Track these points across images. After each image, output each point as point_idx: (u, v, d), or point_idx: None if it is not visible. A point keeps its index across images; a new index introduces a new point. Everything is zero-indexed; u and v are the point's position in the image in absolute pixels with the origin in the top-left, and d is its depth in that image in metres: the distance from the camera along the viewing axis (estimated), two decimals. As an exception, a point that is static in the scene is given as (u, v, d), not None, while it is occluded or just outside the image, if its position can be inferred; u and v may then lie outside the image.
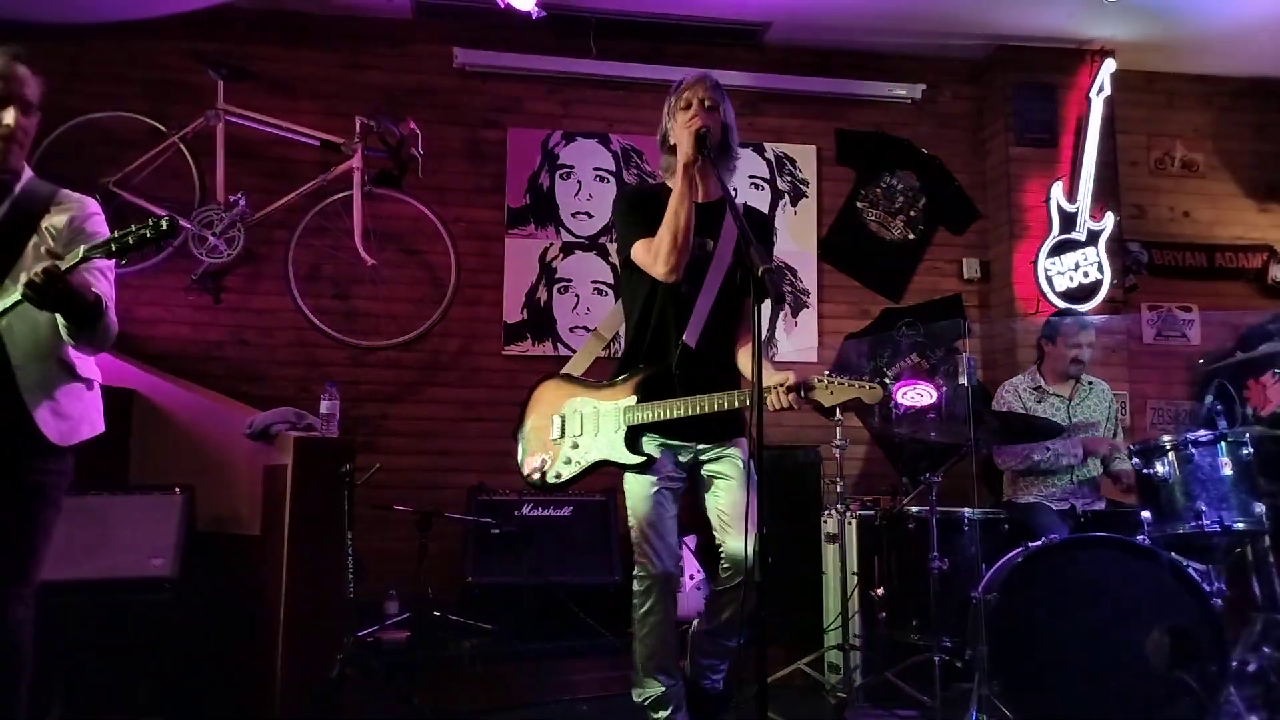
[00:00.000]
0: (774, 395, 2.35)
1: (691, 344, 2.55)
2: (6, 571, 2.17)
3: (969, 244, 5.18)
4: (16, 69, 2.17)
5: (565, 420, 2.67)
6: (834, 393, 2.34)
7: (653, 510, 2.54)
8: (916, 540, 3.42)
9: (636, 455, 2.52)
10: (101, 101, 4.37)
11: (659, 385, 2.54)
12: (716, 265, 2.59)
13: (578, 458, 2.61)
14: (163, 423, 3.81)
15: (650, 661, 2.59)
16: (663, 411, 2.48)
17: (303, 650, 3.08)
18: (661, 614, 2.56)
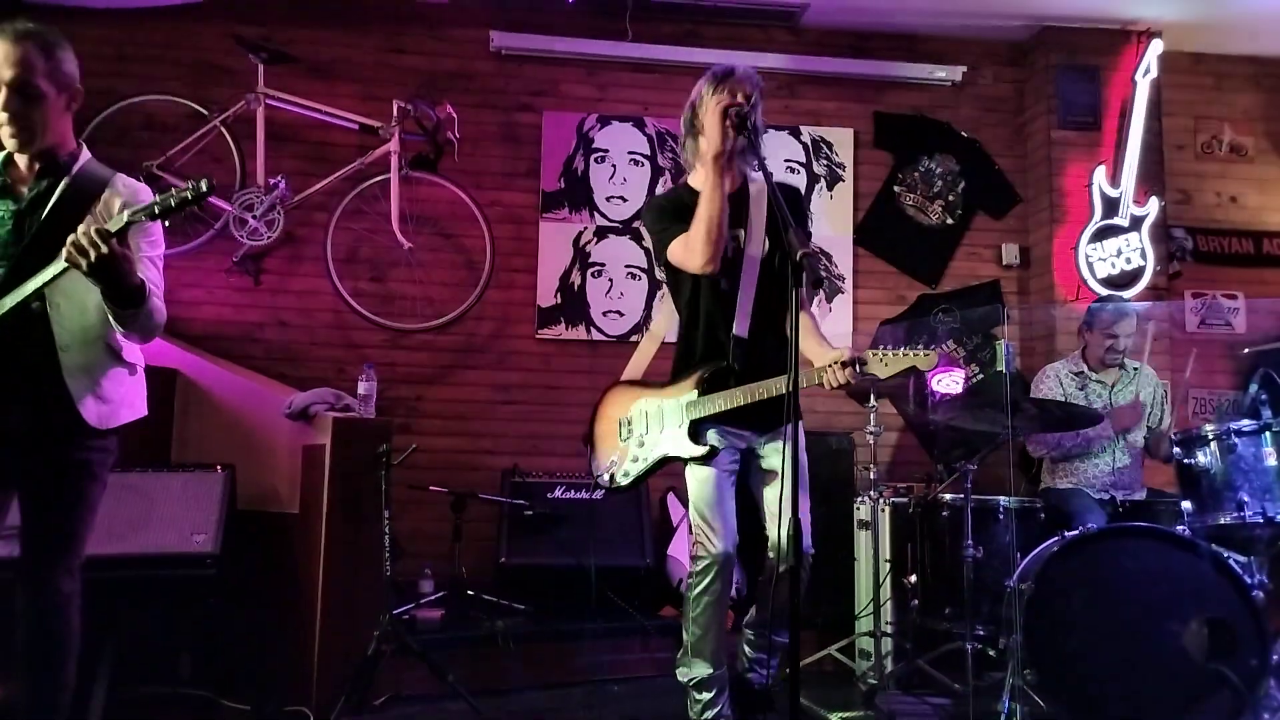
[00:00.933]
0: (829, 373, 2.41)
1: (743, 335, 2.61)
2: (54, 546, 2.24)
3: (1009, 229, 5.10)
4: (15, 52, 2.12)
5: (631, 421, 2.78)
6: (888, 364, 2.39)
7: (714, 492, 2.61)
8: (951, 528, 3.40)
9: (700, 446, 2.61)
10: (145, 85, 4.44)
11: (718, 379, 2.62)
12: (750, 255, 2.64)
13: (644, 455, 2.72)
14: (205, 402, 3.89)
15: (701, 642, 2.63)
16: (722, 402, 2.58)
17: (340, 627, 3.14)
18: (717, 595, 2.60)
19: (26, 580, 2.23)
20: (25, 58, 2.13)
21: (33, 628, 2.22)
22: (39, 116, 2.17)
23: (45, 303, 2.14)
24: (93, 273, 2.00)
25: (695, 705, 2.66)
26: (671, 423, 2.68)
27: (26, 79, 2.13)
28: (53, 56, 2.18)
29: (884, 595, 3.57)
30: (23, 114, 2.15)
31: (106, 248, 1.97)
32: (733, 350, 2.62)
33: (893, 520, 3.68)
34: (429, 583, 3.92)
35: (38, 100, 2.16)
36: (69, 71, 2.22)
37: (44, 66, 2.16)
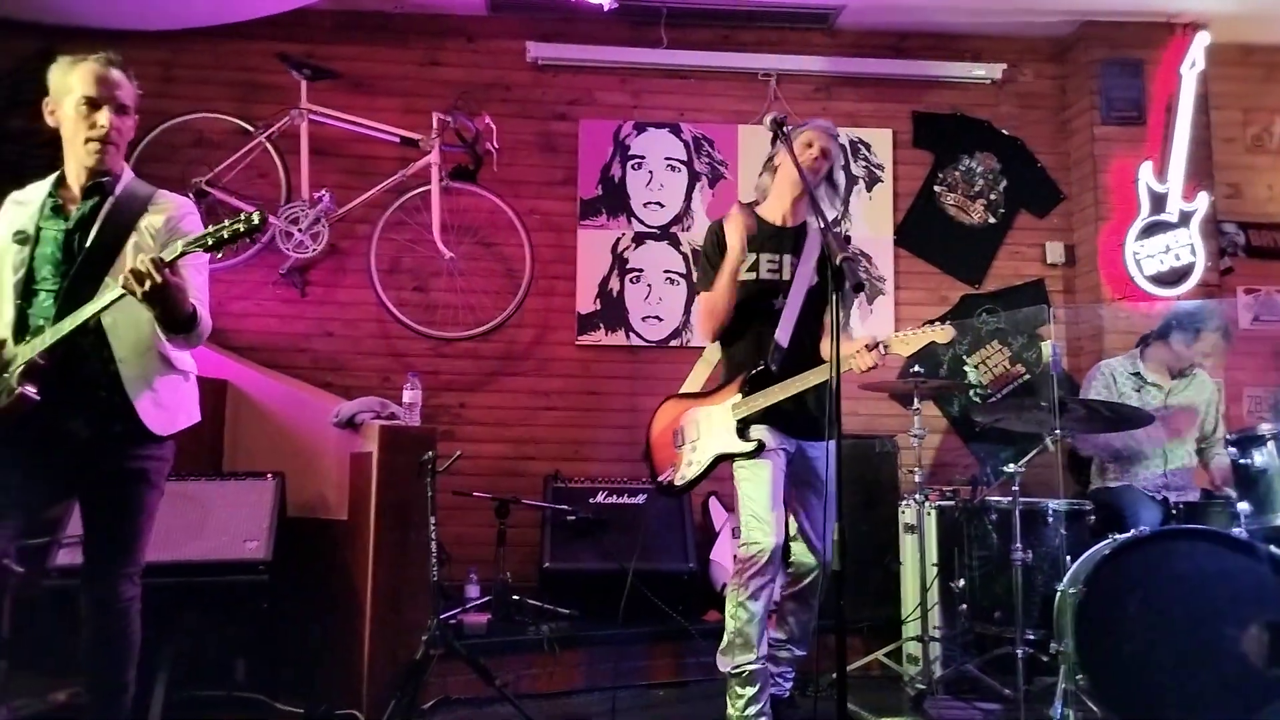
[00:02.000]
0: (857, 359, 2.64)
1: (784, 344, 2.82)
2: (116, 553, 2.30)
3: (1053, 227, 5.03)
4: (110, 73, 2.28)
5: (684, 429, 2.97)
6: (909, 342, 2.65)
7: (766, 486, 2.73)
8: (998, 531, 3.37)
9: (748, 442, 2.78)
10: (192, 104, 4.56)
11: (759, 382, 2.80)
12: (800, 279, 2.88)
13: (698, 458, 2.89)
14: (254, 412, 3.97)
15: (746, 629, 2.69)
16: (763, 399, 2.76)
17: (389, 631, 3.18)
18: (764, 585, 2.69)
19: (89, 586, 2.30)
20: (120, 81, 2.29)
21: (96, 632, 2.29)
22: (126, 133, 2.32)
23: (101, 319, 2.21)
24: (147, 300, 2.08)
25: (738, 700, 2.69)
26: (720, 425, 2.85)
27: (123, 101, 2.29)
28: (133, 81, 2.34)
29: (931, 599, 3.53)
30: (120, 134, 2.29)
31: (160, 277, 2.05)
32: (772, 354, 2.80)
33: (939, 524, 3.64)
34: (475, 587, 3.96)
35: (126, 119, 2.31)
36: (138, 98, 2.37)
37: (131, 90, 2.32)
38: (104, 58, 2.29)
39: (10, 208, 2.34)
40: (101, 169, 2.30)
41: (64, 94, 2.28)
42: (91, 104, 2.25)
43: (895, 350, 2.66)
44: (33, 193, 2.34)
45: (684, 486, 2.93)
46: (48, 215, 2.29)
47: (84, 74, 2.26)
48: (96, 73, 2.26)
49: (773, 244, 2.93)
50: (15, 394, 2.11)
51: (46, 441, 2.20)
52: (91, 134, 2.26)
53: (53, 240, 2.27)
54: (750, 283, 2.90)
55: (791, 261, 2.90)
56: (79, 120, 2.26)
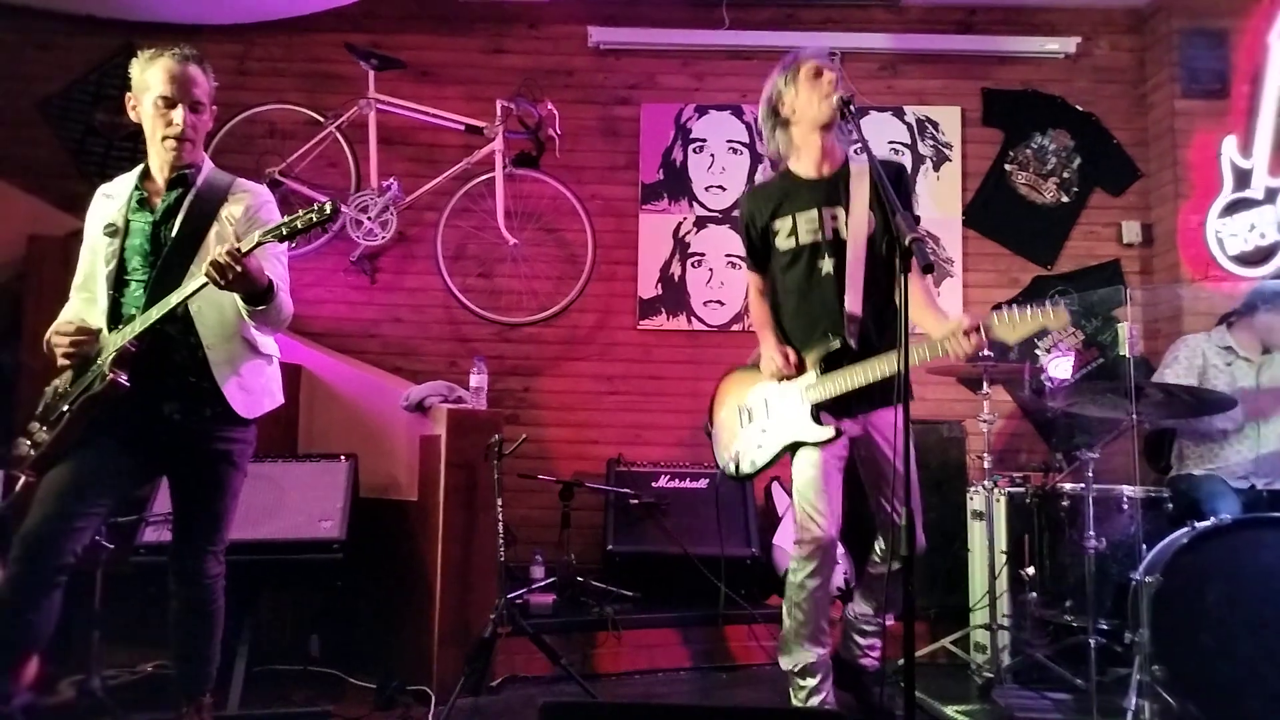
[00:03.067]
0: (953, 343, 2.33)
1: (857, 312, 2.57)
2: (202, 531, 2.41)
3: (1129, 205, 4.86)
4: (186, 70, 2.34)
5: (751, 409, 2.75)
6: (1016, 326, 2.29)
7: (820, 476, 2.59)
8: (1071, 519, 3.29)
9: (824, 429, 2.59)
10: (265, 95, 4.68)
11: (836, 359, 2.58)
12: (854, 233, 2.59)
13: (768, 442, 2.70)
14: (327, 395, 4.08)
15: (804, 628, 2.63)
16: (843, 382, 2.54)
17: (458, 609, 3.26)
18: (820, 580, 2.59)
19: (177, 563, 2.41)
20: (195, 77, 2.35)
21: (183, 607, 2.41)
22: (201, 129, 2.39)
23: (188, 306, 2.30)
24: (228, 287, 2.17)
25: (799, 692, 2.66)
26: (793, 407, 2.64)
27: (198, 98, 2.36)
28: (208, 76, 2.40)
29: (999, 587, 3.47)
30: (191, 128, 2.36)
31: (240, 266, 2.13)
32: (847, 327, 2.57)
33: (1008, 510, 3.57)
34: (540, 568, 4.02)
35: (200, 115, 2.38)
36: (215, 91, 2.44)
37: (207, 86, 2.38)
38: (179, 54, 2.35)
39: (100, 201, 2.44)
40: (179, 164, 2.38)
41: (142, 91, 2.36)
42: (167, 102, 2.33)
43: (1000, 335, 2.31)
44: (120, 186, 2.44)
45: (750, 473, 2.75)
46: (135, 208, 2.38)
47: (160, 72, 2.33)
48: (171, 71, 2.33)
49: (806, 200, 2.64)
50: (108, 380, 2.21)
51: (137, 424, 2.31)
52: (167, 132, 2.34)
53: (140, 232, 2.36)
54: (792, 250, 2.65)
55: (831, 215, 2.61)
56: (156, 118, 2.35)
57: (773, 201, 2.71)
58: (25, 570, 2.15)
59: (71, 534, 2.19)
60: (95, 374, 2.25)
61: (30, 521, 2.17)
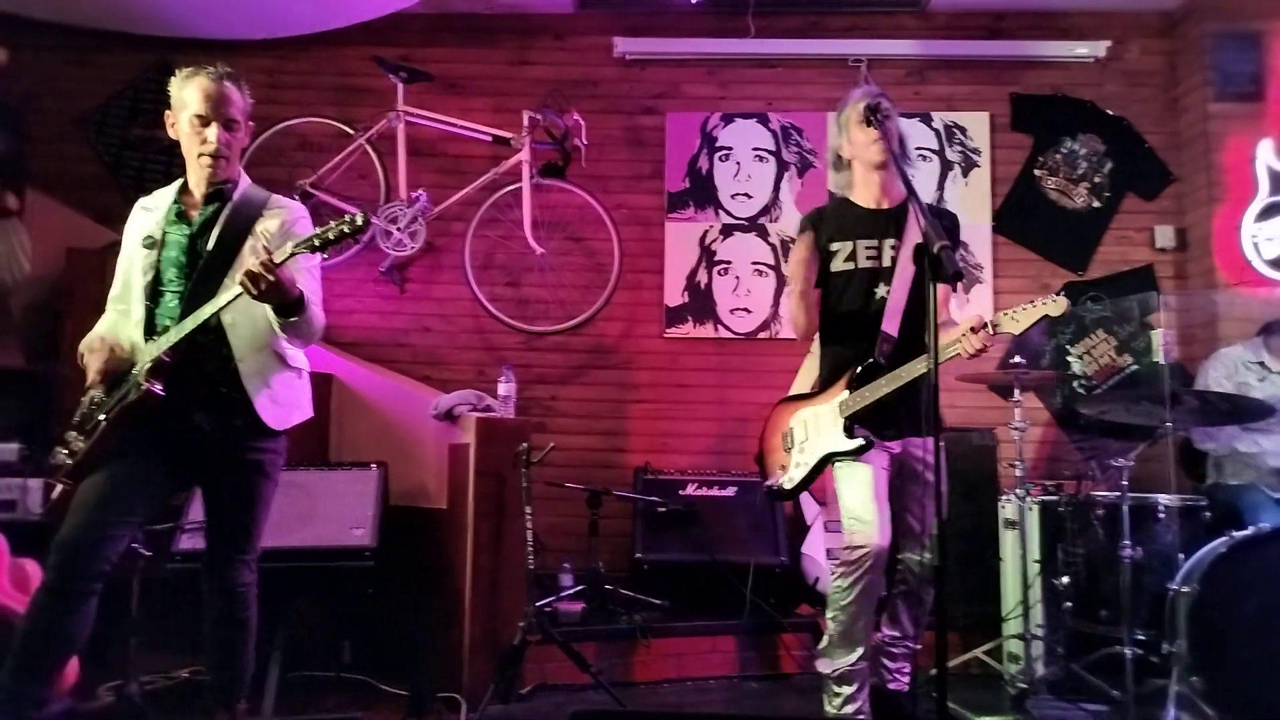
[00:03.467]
0: (964, 343, 2.48)
1: (893, 334, 2.70)
2: (234, 540, 2.44)
3: (1162, 210, 4.80)
4: (220, 88, 2.38)
5: (793, 432, 2.88)
6: (1019, 319, 2.46)
7: (870, 487, 2.65)
8: (1105, 527, 3.25)
9: (855, 440, 2.68)
10: (296, 109, 4.75)
11: (868, 376, 2.69)
12: (903, 264, 2.73)
13: (805, 459, 2.80)
14: (358, 404, 4.12)
15: (846, 634, 2.65)
16: (871, 393, 2.64)
17: (487, 616, 3.27)
18: (866, 587, 2.62)
19: (211, 571, 2.44)
20: (230, 96, 2.39)
21: (218, 615, 2.43)
22: (236, 146, 2.43)
23: (221, 319, 2.34)
24: (261, 298, 2.20)
25: (835, 699, 2.65)
26: (828, 424, 2.76)
27: (232, 116, 2.40)
28: (244, 93, 2.44)
29: (1033, 597, 3.43)
30: (227, 145, 2.40)
31: (274, 276, 2.16)
32: (880, 345, 2.69)
33: (1041, 519, 3.53)
34: (569, 576, 4.02)
35: (235, 132, 2.42)
36: (250, 107, 2.48)
37: (241, 103, 2.42)
38: (215, 73, 2.40)
39: (139, 214, 2.49)
40: (214, 180, 2.42)
41: (180, 109, 2.41)
42: (202, 120, 2.37)
43: (1005, 329, 2.46)
44: (159, 199, 2.49)
45: (793, 490, 2.84)
46: (172, 221, 2.43)
47: (196, 91, 2.37)
48: (206, 89, 2.37)
49: (868, 228, 2.79)
50: (142, 390, 2.25)
51: (171, 434, 2.34)
52: (202, 149, 2.39)
53: (177, 244, 2.41)
54: (847, 273, 2.79)
55: (893, 245, 2.76)
56: (193, 135, 2.39)
57: (832, 225, 2.85)
58: (62, 577, 2.19)
59: (107, 542, 2.23)
60: (130, 384, 2.29)
61: (67, 529, 2.21)
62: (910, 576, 2.76)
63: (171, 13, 4.55)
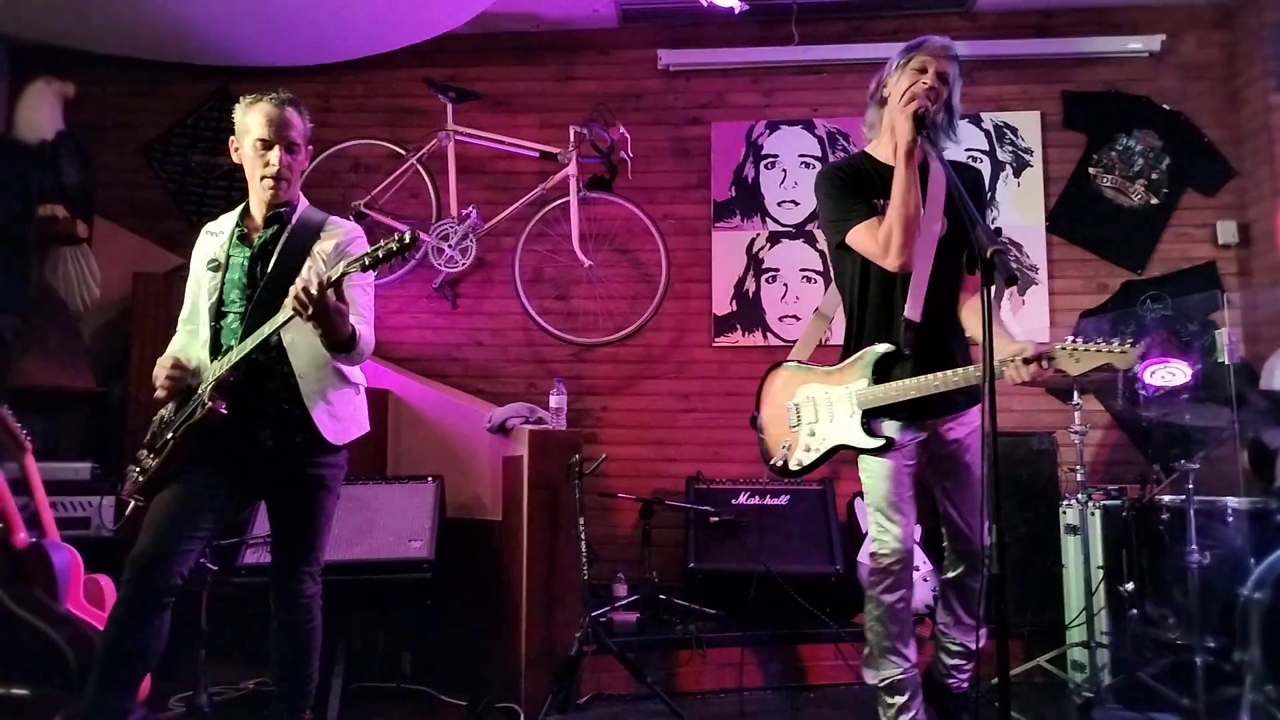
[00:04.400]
0: (1011, 369, 2.23)
1: (915, 319, 2.47)
2: (300, 553, 2.50)
3: (1223, 205, 4.67)
4: (283, 113, 2.48)
5: (800, 407, 2.66)
6: (1080, 360, 2.19)
7: (893, 488, 2.53)
8: (1171, 532, 3.16)
9: (875, 439, 2.49)
10: (349, 132, 4.86)
11: (889, 365, 2.50)
12: (925, 236, 2.48)
13: (816, 445, 2.61)
14: (414, 418, 4.20)
15: (886, 642, 2.58)
16: (895, 393, 2.45)
17: (544, 627, 3.30)
18: (898, 594, 2.55)
19: (276, 584, 2.50)
20: (291, 120, 2.48)
21: (284, 627, 2.50)
22: (297, 169, 2.52)
23: (281, 337, 2.41)
24: (312, 320, 2.23)
25: (888, 709, 2.61)
26: (842, 411, 2.55)
27: (293, 139, 2.49)
28: (304, 118, 2.53)
29: (1097, 604, 3.35)
30: (288, 167, 2.49)
31: (321, 298, 2.19)
32: (903, 334, 2.48)
33: (1104, 524, 3.45)
34: (623, 586, 4.04)
35: (296, 155, 2.51)
36: (310, 131, 2.56)
37: (301, 127, 2.51)
38: (277, 99, 2.49)
39: (205, 238, 2.58)
40: (276, 202, 2.50)
41: (244, 134, 2.50)
42: (264, 144, 2.46)
43: (1062, 366, 2.21)
44: (224, 223, 2.58)
45: (798, 471, 2.64)
46: (235, 243, 2.52)
47: (258, 116, 2.47)
48: (268, 114, 2.46)
49: (885, 188, 2.50)
50: (207, 408, 2.32)
51: (236, 450, 2.41)
52: (265, 172, 2.47)
53: (239, 266, 2.49)
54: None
55: None
56: (255, 159, 2.48)
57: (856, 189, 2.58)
58: (136, 592, 2.26)
59: (179, 557, 2.30)
60: (195, 403, 2.37)
61: (140, 546, 2.28)
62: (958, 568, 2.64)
63: (229, 43, 4.70)
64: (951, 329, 2.53)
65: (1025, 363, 2.21)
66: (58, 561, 3.01)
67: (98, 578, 3.14)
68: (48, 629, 2.89)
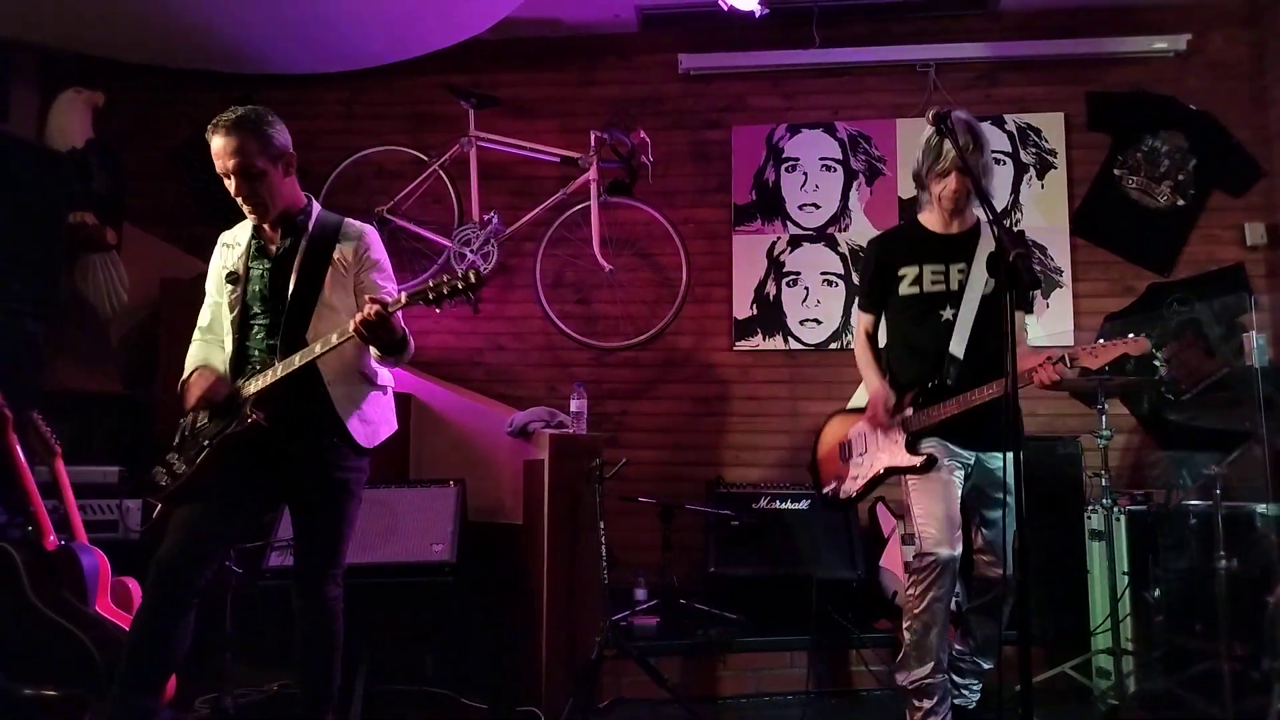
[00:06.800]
0: (1040, 372, 2.54)
1: (959, 355, 2.72)
2: (323, 556, 2.52)
3: (1252, 206, 4.61)
4: (230, 142, 2.35)
5: (851, 443, 2.96)
6: (1097, 355, 2.51)
7: (940, 495, 2.66)
8: (1198, 538, 3.13)
9: (917, 456, 2.72)
10: (371, 138, 4.90)
11: (933, 396, 2.74)
12: (972, 289, 2.77)
13: (864, 472, 2.87)
14: (436, 423, 4.22)
15: (920, 645, 2.64)
16: (938, 413, 2.69)
17: (564, 631, 3.31)
18: (942, 595, 2.61)
19: (300, 587, 2.52)
20: (241, 146, 2.37)
21: (307, 630, 2.52)
22: (265, 191, 2.44)
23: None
24: (372, 340, 2.28)
25: (915, 713, 2.62)
26: (890, 439, 2.81)
27: (247, 164, 2.39)
28: (262, 135, 2.40)
29: (1122, 610, 3.31)
30: (252, 194, 2.43)
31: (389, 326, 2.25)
32: (948, 368, 2.72)
33: (1129, 530, 3.41)
34: (643, 590, 4.05)
35: (260, 178, 2.42)
36: (281, 143, 2.45)
37: (257, 147, 2.39)
38: (227, 122, 2.37)
39: (221, 249, 2.60)
40: (264, 221, 2.49)
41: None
42: (225, 174, 2.42)
43: (1083, 364, 2.54)
44: (239, 235, 2.59)
45: (850, 500, 2.92)
46: (253, 256, 2.53)
47: (213, 149, 2.40)
48: (216, 148, 2.39)
49: (936, 253, 2.84)
50: (250, 421, 2.35)
51: (263, 456, 2.44)
52: (237, 200, 2.45)
53: (259, 279, 2.51)
54: (914, 296, 2.84)
55: (960, 269, 2.80)
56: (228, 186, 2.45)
57: (900, 248, 2.91)
58: (161, 595, 2.30)
59: (203, 560, 2.34)
60: (235, 415, 2.39)
61: (165, 549, 2.32)
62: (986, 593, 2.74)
63: (253, 51, 4.76)
64: (991, 367, 2.68)
65: (1049, 363, 2.53)
66: (86, 564, 3.06)
67: (125, 580, 3.19)
68: (76, 630, 2.94)
